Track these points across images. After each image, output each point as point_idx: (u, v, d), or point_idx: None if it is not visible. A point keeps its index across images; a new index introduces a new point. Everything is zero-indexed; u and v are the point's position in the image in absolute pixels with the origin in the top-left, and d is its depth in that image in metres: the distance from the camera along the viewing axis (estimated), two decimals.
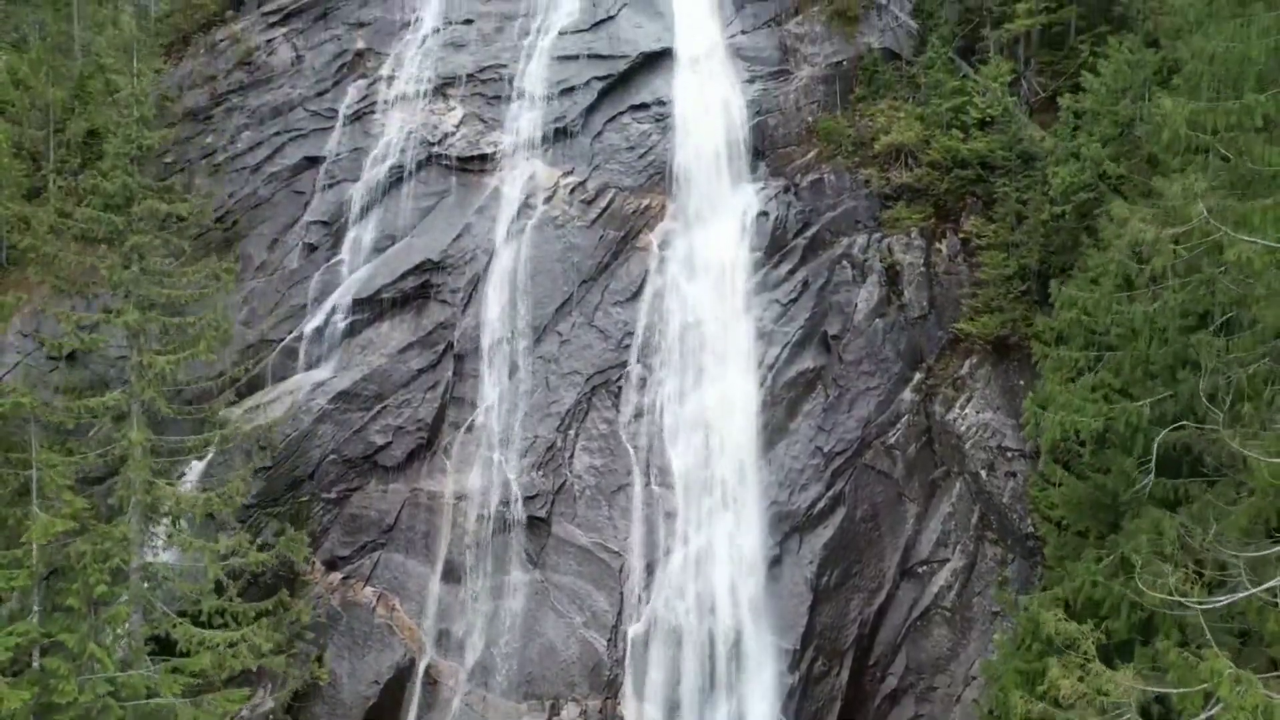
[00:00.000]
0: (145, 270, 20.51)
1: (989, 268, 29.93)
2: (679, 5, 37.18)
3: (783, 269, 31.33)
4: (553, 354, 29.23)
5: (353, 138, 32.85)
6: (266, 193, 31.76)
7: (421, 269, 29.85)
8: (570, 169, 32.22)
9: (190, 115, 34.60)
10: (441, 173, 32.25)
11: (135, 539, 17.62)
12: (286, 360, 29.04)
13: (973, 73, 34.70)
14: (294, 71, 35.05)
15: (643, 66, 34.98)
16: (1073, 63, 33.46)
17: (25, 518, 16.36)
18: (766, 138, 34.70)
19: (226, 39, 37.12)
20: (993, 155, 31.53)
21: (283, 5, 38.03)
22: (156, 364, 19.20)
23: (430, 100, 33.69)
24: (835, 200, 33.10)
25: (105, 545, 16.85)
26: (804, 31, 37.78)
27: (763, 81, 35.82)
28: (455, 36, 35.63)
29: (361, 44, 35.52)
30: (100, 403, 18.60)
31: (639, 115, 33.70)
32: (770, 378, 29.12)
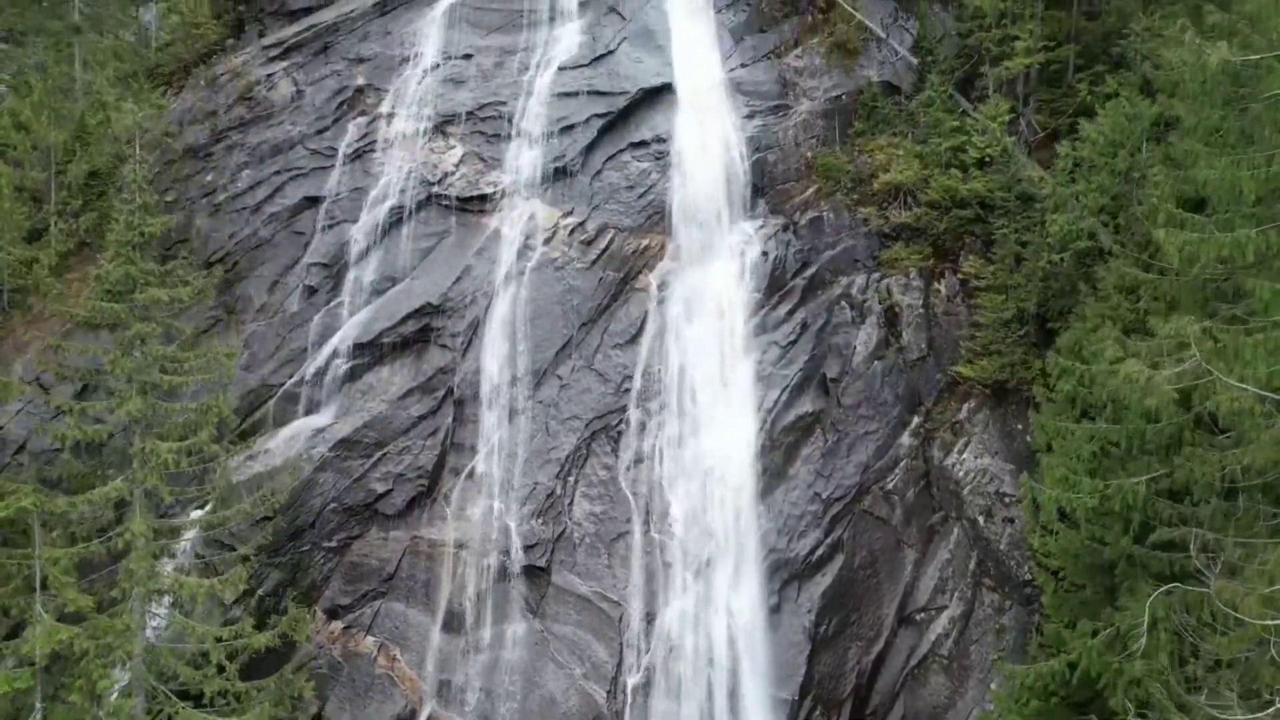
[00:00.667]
0: (148, 356, 20.42)
1: (987, 310, 29.92)
2: (678, 39, 37.14)
3: (782, 310, 31.32)
4: (552, 398, 29.25)
5: (353, 177, 32.81)
6: (267, 233, 31.74)
7: (421, 313, 29.86)
8: (570, 209, 32.19)
9: (191, 152, 34.57)
10: (441, 213, 32.23)
11: (137, 626, 17.67)
12: (287, 405, 29.07)
13: (972, 109, 34.68)
14: (294, 108, 35.01)
15: (642, 102, 34.93)
16: (1071, 101, 33.45)
17: (27, 608, 16.39)
18: (766, 174, 34.66)
19: (227, 73, 37.09)
20: (991, 196, 31.50)
21: (283, 39, 38.04)
22: (159, 451, 19.22)
23: (430, 138, 33.66)
24: (834, 238, 33.09)
25: (107, 639, 16.92)
26: (803, 65, 37.72)
27: (762, 117, 35.76)
28: (455, 72, 35.58)
29: (361, 80, 35.47)
30: (102, 493, 18.63)
31: (639, 153, 33.67)
32: (769, 422, 29.13)
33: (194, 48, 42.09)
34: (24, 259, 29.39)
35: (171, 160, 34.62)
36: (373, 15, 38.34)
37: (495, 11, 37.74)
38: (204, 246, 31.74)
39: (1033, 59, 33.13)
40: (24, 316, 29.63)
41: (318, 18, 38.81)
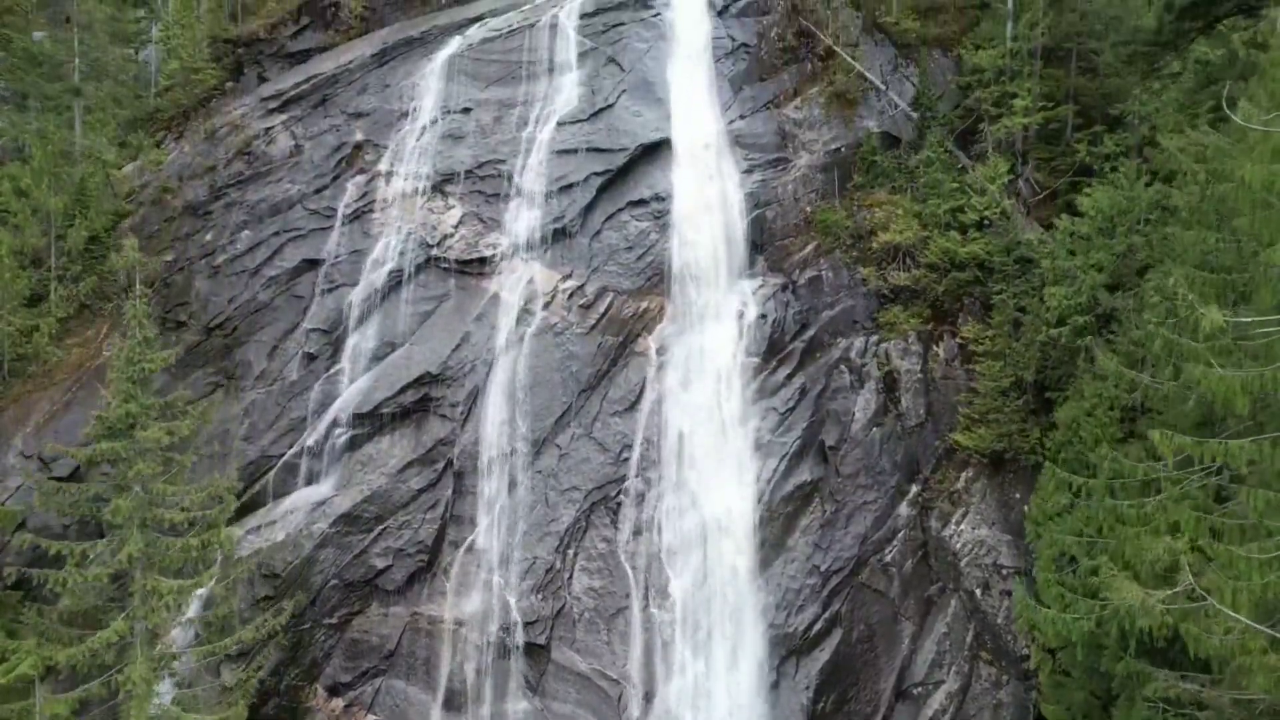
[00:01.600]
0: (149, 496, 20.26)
1: (985, 378, 29.87)
2: (677, 90, 36.95)
3: (780, 374, 31.26)
4: (552, 468, 29.21)
5: (351, 238, 32.68)
6: (266, 297, 31.62)
7: (421, 382, 29.79)
8: (569, 271, 32.08)
9: (190, 209, 34.40)
10: (440, 275, 32.12)
11: None
12: (287, 476, 29.04)
13: (971, 166, 34.57)
14: (293, 164, 34.83)
15: (641, 158, 34.77)
16: (1070, 160, 33.36)
17: None
18: (765, 230, 34.56)
19: (226, 126, 36.89)
20: (990, 259, 31.45)
21: (282, 90, 37.82)
22: (161, 590, 19.17)
23: (429, 198, 33.51)
24: (833, 298, 33.00)
25: None
26: (802, 116, 37.55)
27: (761, 171, 35.62)
28: (453, 128, 35.39)
29: (360, 135, 35.29)
30: (103, 639, 18.58)
31: (638, 212, 33.54)
32: (768, 492, 29.13)
33: (193, 93, 41.89)
34: (24, 327, 29.26)
35: (171, 217, 34.46)
36: (371, 66, 38.14)
37: (494, 63, 37.52)
38: (203, 310, 31.61)
39: (1031, 119, 33.01)
40: (25, 385, 29.53)
41: (317, 67, 38.63)
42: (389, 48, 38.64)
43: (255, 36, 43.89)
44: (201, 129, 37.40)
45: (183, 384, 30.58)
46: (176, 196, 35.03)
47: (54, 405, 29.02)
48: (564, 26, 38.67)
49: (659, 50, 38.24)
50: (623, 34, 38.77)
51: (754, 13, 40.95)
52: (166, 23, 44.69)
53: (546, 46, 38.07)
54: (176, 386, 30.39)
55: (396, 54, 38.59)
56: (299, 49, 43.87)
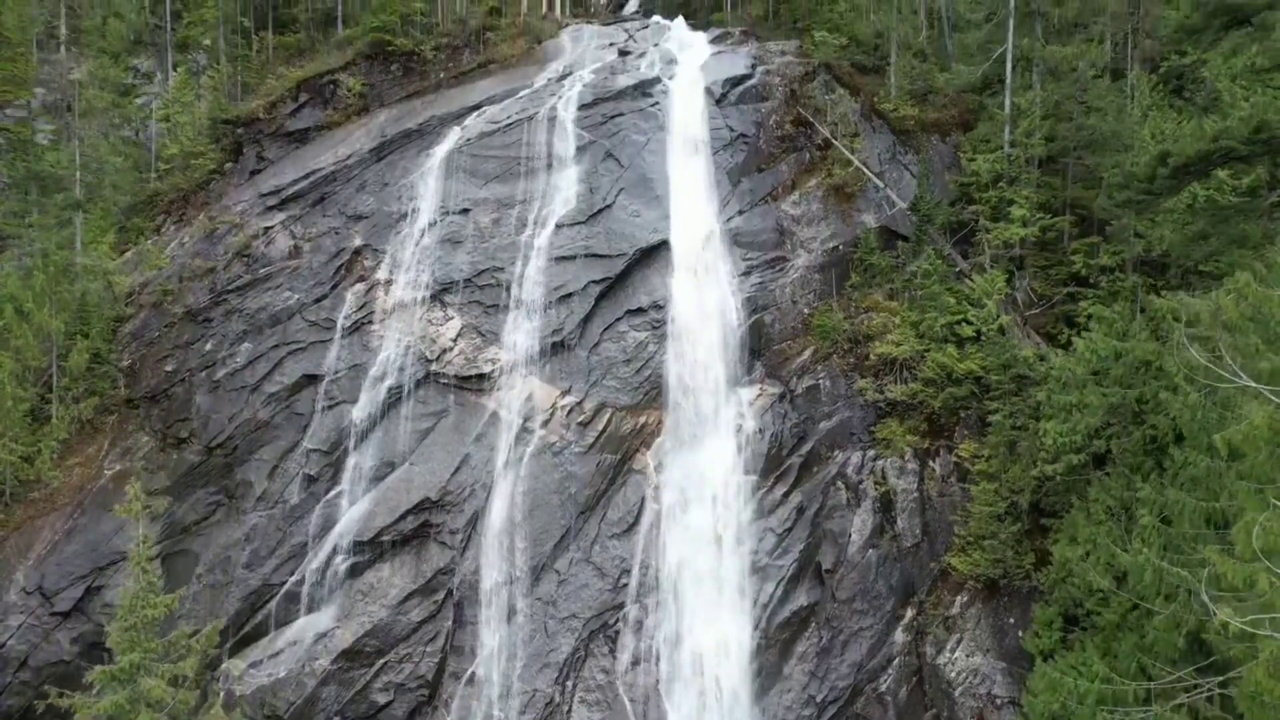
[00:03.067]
0: None
1: (980, 502, 29.90)
2: (676, 186, 36.87)
3: (777, 492, 31.34)
4: (551, 595, 29.34)
5: (351, 351, 32.68)
6: (266, 415, 31.64)
7: (421, 508, 29.87)
8: (568, 387, 32.09)
9: (190, 315, 34.36)
10: (439, 391, 32.15)
11: None
12: (288, 604, 29.16)
13: (968, 270, 34.53)
14: (292, 269, 34.77)
15: (639, 262, 34.72)
16: (1067, 269, 33.33)
17: None
18: (762, 335, 34.55)
19: (226, 224, 36.81)
20: (987, 375, 31.43)
21: (280, 186, 37.73)
22: None
23: (428, 308, 33.49)
24: (831, 408, 33.05)
25: None
26: (800, 213, 37.47)
27: (759, 272, 35.58)
28: (452, 231, 35.32)
29: (359, 240, 35.22)
30: None
31: (636, 322, 33.51)
32: (765, 618, 29.27)
33: (193, 177, 41.86)
34: (26, 453, 29.34)
35: (171, 323, 34.42)
36: (370, 161, 38.03)
37: (493, 159, 37.41)
38: (204, 428, 31.63)
39: (1029, 230, 32.92)
40: (26, 510, 29.63)
41: (315, 161, 38.49)
42: (387, 141, 38.51)
43: (254, 116, 43.74)
44: (202, 225, 37.32)
45: (183, 504, 30.78)
46: (176, 300, 34.98)
47: (55, 534, 29.11)
48: (562, 119, 38.54)
49: (657, 143, 38.14)
50: (621, 125, 38.65)
51: (753, 99, 40.84)
52: (167, 100, 44.49)
53: (545, 141, 37.95)
54: (178, 508, 30.64)
55: (395, 148, 38.47)
56: (297, 127, 43.79)
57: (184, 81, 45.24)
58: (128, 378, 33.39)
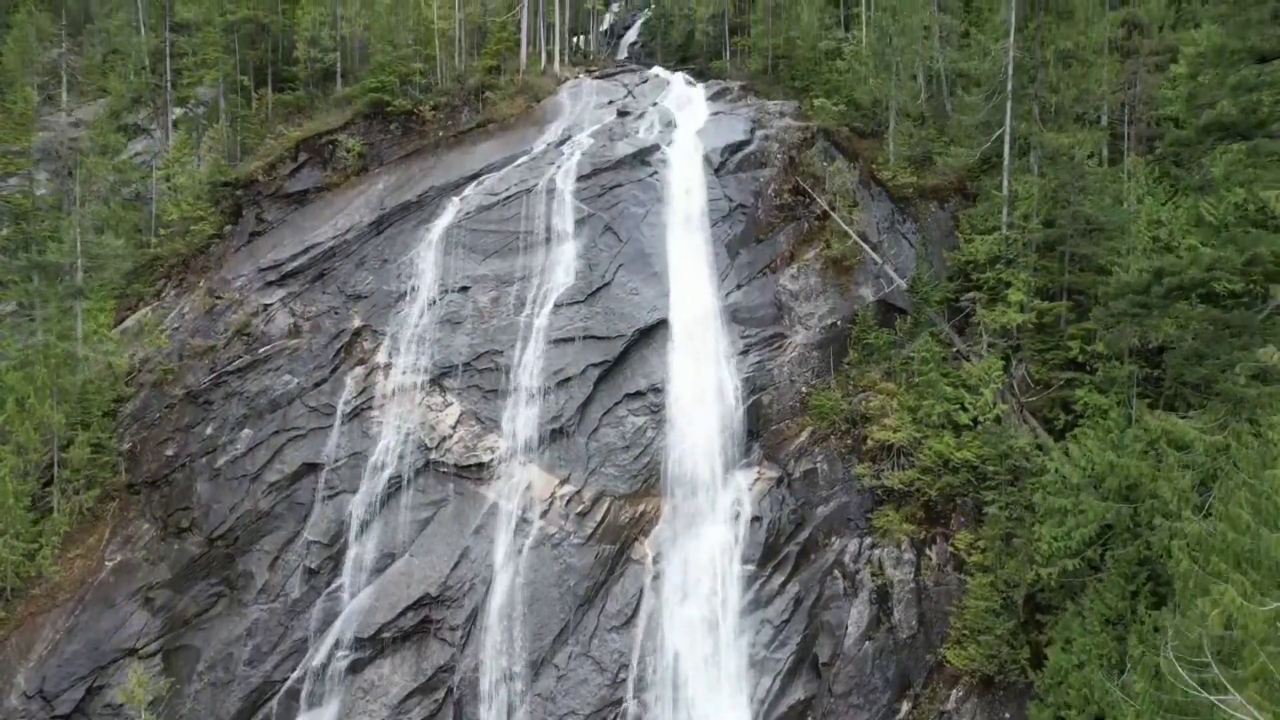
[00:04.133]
0: None
1: (975, 596, 29.95)
2: (674, 261, 36.85)
3: (775, 581, 31.43)
4: (550, 691, 29.46)
5: (351, 439, 32.73)
6: (266, 504, 31.71)
7: (421, 603, 29.95)
8: (566, 475, 32.14)
9: (190, 397, 34.40)
10: (439, 479, 32.21)
11: None
12: (290, 702, 29.28)
13: (966, 351, 34.53)
14: (292, 351, 34.78)
15: (638, 343, 34.73)
16: (1064, 354, 33.29)
17: None
18: (760, 416, 34.58)
19: (226, 302, 36.82)
20: (983, 465, 31.47)
21: (279, 261, 37.72)
22: None
23: (427, 393, 33.53)
24: (829, 493, 33.13)
25: None
26: (799, 287, 37.45)
27: (757, 350, 35.59)
28: (451, 310, 35.32)
29: (358, 321, 35.23)
30: None
31: (634, 405, 33.53)
32: (763, 713, 29.40)
33: (192, 243, 41.89)
34: (27, 550, 29.43)
35: (171, 404, 34.47)
36: (369, 235, 38.00)
37: (491, 233, 37.40)
38: (205, 518, 31.70)
39: (1025, 317, 32.89)
40: (28, 607, 29.73)
41: (315, 234, 38.45)
42: (386, 214, 38.47)
43: (253, 178, 43.74)
44: (202, 300, 37.32)
45: (184, 597, 30.88)
46: (177, 380, 35.03)
47: (56, 632, 29.21)
48: (561, 191, 38.49)
49: (656, 215, 38.11)
50: (619, 197, 38.60)
51: (752, 166, 40.79)
52: (167, 160, 44.42)
53: (544, 214, 37.92)
54: (179, 600, 30.75)
55: (394, 221, 38.44)
56: (296, 189, 43.80)
57: (184, 141, 45.19)
58: (128, 461, 33.44)
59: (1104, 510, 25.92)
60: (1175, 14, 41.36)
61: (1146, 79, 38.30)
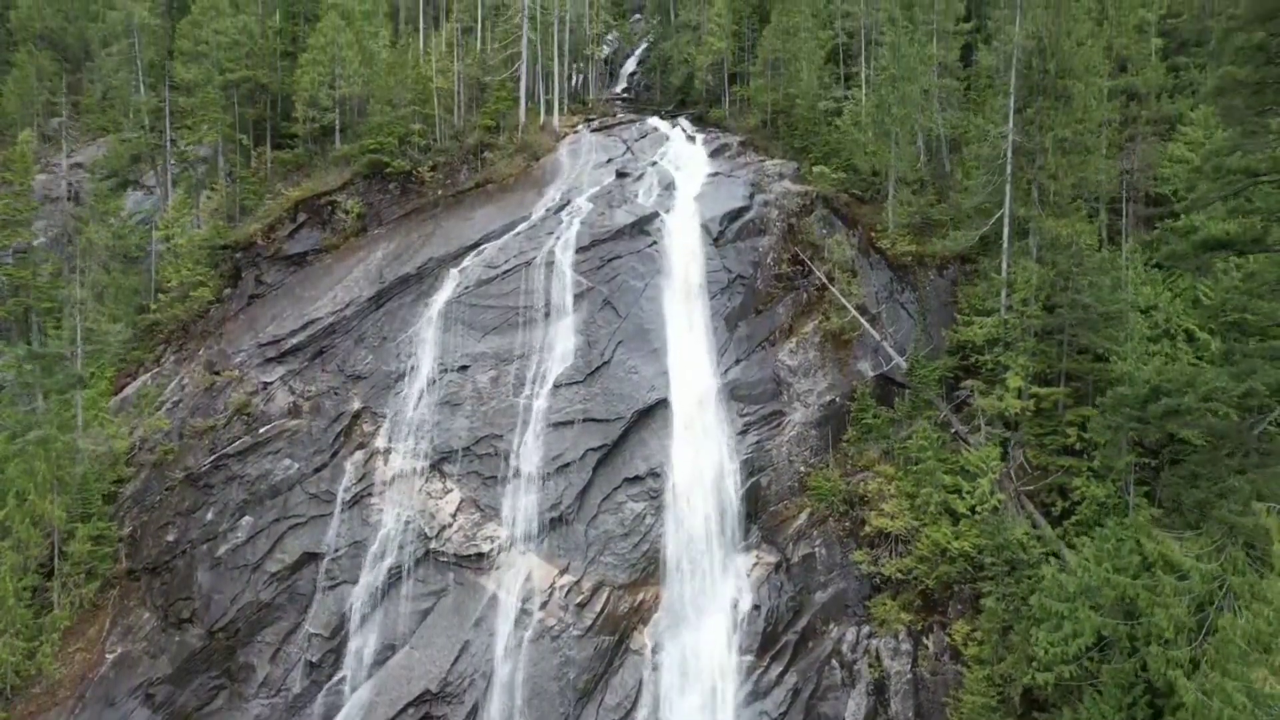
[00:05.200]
0: None
1: (971, 690, 29.96)
2: (673, 336, 36.69)
3: (773, 672, 31.40)
4: None
5: (351, 527, 32.67)
6: (268, 595, 31.67)
7: (422, 700, 29.91)
8: (566, 565, 32.08)
9: (190, 479, 34.31)
10: (439, 569, 32.15)
11: None
12: None
13: (964, 433, 34.45)
14: (292, 434, 34.68)
15: (637, 424, 34.63)
16: (1062, 440, 33.22)
17: None
18: (759, 498, 34.49)
19: (225, 379, 36.69)
20: (980, 556, 31.43)
21: (279, 336, 37.56)
22: None
23: (427, 479, 33.45)
24: (826, 578, 33.08)
25: None
26: (798, 363, 37.34)
27: (756, 429, 35.48)
28: (450, 391, 35.21)
29: (358, 403, 35.11)
30: None
31: (633, 491, 33.44)
32: None
33: (192, 309, 41.77)
34: (27, 649, 29.39)
35: (171, 486, 34.39)
36: (368, 310, 37.85)
37: (491, 309, 37.25)
38: (206, 609, 31.65)
39: (1023, 404, 32.81)
40: (28, 706, 29.70)
41: (315, 308, 38.28)
42: (386, 288, 38.30)
43: (252, 240, 43.61)
44: (202, 377, 37.18)
45: (185, 691, 30.86)
46: (177, 462, 34.93)
47: None
48: (560, 264, 38.34)
49: (655, 288, 37.96)
50: (618, 269, 38.45)
51: (751, 233, 40.61)
52: (166, 220, 44.20)
53: (543, 289, 37.78)
54: (179, 695, 30.74)
55: (394, 295, 38.27)
56: (295, 251, 43.70)
57: (182, 200, 44.98)
58: (128, 547, 33.40)
59: (1100, 624, 25.90)
60: (1174, 80, 41.18)
61: (1145, 151, 38.16)
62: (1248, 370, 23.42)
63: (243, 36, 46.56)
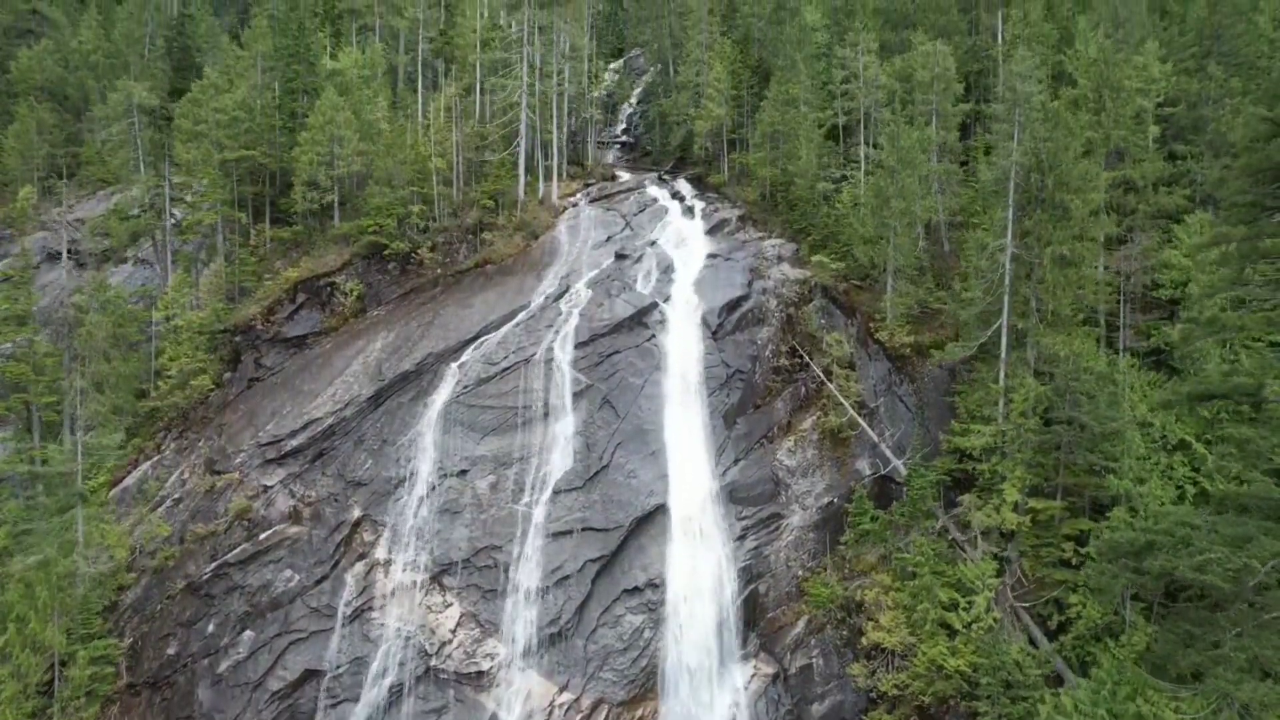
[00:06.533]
0: None
1: None
2: (672, 437, 36.52)
3: None
4: None
5: (352, 643, 32.58)
6: (270, 715, 31.58)
7: None
8: (565, 681, 32.01)
9: (191, 588, 34.21)
10: (440, 686, 32.07)
11: None
12: None
13: (962, 540, 34.36)
14: (293, 542, 34.56)
15: (636, 531, 34.51)
16: (1056, 550, 33.15)
17: None
18: (757, 605, 34.42)
19: (225, 481, 36.53)
20: (976, 675, 31.39)
21: (279, 436, 37.38)
22: None
23: (427, 592, 33.35)
24: (824, 690, 33.04)
25: None
26: (796, 463, 37.21)
27: (754, 534, 35.37)
28: (450, 498, 35.07)
29: (358, 511, 34.96)
30: None
31: (632, 604, 33.34)
32: None
33: (192, 396, 41.56)
34: None
35: (172, 595, 34.29)
36: (368, 410, 37.65)
37: (490, 409, 37.07)
38: None
39: (1019, 518, 32.73)
40: None
41: (314, 406, 38.06)
42: (384, 386, 38.08)
43: (251, 324, 43.41)
44: (204, 480, 37.03)
45: None
46: (178, 568, 34.80)
47: None
48: (559, 361, 38.14)
49: (654, 385, 37.78)
50: (617, 365, 38.27)
51: (750, 324, 40.40)
52: (165, 301, 43.92)
53: (542, 387, 37.60)
54: None
55: (393, 393, 38.07)
56: (295, 334, 43.56)
57: (182, 279, 44.70)
58: (129, 658, 33.31)
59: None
60: (1171, 168, 40.87)
61: (1143, 252, 37.92)
62: (1243, 537, 23.26)
63: (241, 112, 46.13)
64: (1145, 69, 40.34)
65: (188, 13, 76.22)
